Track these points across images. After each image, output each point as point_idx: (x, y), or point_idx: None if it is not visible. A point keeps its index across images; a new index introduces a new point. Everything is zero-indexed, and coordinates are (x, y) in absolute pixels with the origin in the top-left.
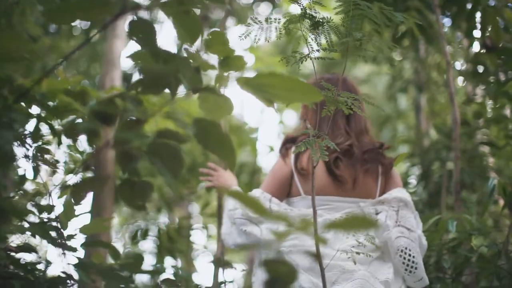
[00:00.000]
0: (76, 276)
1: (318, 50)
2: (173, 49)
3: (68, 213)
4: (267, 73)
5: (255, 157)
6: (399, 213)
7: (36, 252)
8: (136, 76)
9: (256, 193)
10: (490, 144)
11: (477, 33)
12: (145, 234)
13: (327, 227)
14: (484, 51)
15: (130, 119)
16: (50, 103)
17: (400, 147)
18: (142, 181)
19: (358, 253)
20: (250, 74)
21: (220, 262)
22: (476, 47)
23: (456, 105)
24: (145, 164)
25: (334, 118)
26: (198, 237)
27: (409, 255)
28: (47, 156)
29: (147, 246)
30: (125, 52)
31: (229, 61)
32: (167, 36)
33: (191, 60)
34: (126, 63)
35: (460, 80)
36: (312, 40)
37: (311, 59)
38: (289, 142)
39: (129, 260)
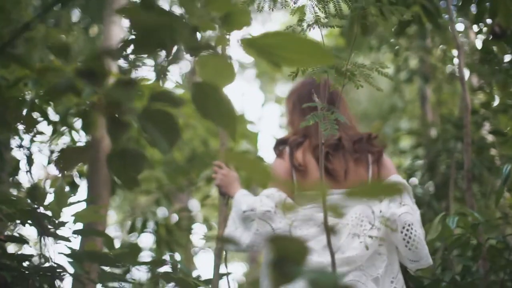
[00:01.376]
0: (69, 267)
1: (326, 18)
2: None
3: (61, 201)
4: (274, 32)
5: (256, 150)
6: (402, 196)
7: (27, 242)
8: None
9: (271, 191)
10: (498, 134)
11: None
12: (143, 227)
13: (348, 195)
14: (493, 38)
15: (121, 79)
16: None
17: (405, 139)
18: (133, 151)
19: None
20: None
21: (220, 250)
22: (482, 35)
23: (467, 90)
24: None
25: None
26: (198, 232)
27: (415, 230)
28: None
29: (146, 240)
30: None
31: (232, 17)
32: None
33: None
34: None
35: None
36: (319, 9)
37: (318, 27)
38: (281, 143)
39: (124, 250)
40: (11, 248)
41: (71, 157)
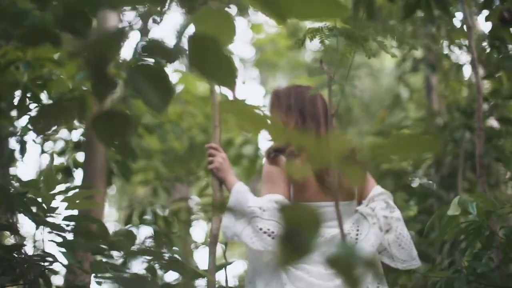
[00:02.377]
0: (62, 257)
1: None
2: None
3: (49, 185)
4: None
5: (256, 142)
6: (389, 204)
7: (16, 230)
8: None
9: (279, 197)
10: (506, 121)
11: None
12: (141, 219)
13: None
14: (501, 24)
15: (107, 31)
16: None
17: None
18: (121, 113)
19: None
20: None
21: (215, 240)
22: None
23: (479, 73)
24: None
25: (317, 128)
26: (198, 227)
27: (406, 232)
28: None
29: (144, 232)
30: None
31: None
32: None
33: None
34: None
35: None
36: None
37: None
38: (276, 151)
39: (119, 237)
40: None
41: (52, 115)
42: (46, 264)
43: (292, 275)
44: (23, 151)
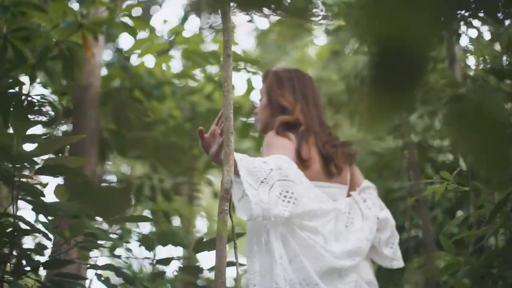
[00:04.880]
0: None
1: None
2: None
3: (19, 129)
4: None
5: (259, 149)
6: (379, 199)
7: None
8: None
9: (287, 158)
10: None
11: None
12: (138, 194)
13: None
14: None
15: None
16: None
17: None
18: None
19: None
20: None
21: (228, 196)
22: None
23: None
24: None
25: (320, 114)
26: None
27: (397, 234)
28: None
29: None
30: None
31: None
32: None
33: None
34: None
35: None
36: None
37: None
38: (288, 125)
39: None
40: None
41: None
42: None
43: (304, 242)
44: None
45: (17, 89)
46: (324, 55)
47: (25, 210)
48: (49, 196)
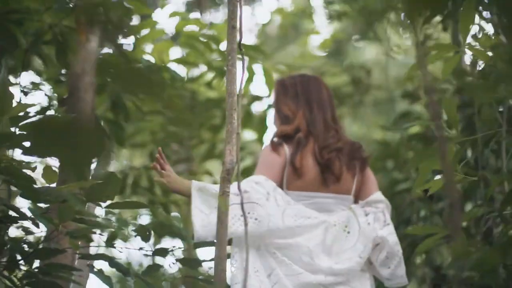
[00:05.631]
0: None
1: None
2: None
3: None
4: None
5: (261, 141)
6: (385, 214)
7: None
8: None
9: (260, 179)
10: None
11: None
12: (135, 185)
13: None
14: None
15: None
16: None
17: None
18: None
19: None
20: None
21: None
22: None
23: None
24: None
25: (325, 117)
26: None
27: (398, 250)
28: None
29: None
30: None
31: None
32: None
33: None
34: None
35: None
36: None
37: None
38: (283, 137)
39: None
40: None
41: None
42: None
43: (278, 259)
44: None
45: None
46: (328, 45)
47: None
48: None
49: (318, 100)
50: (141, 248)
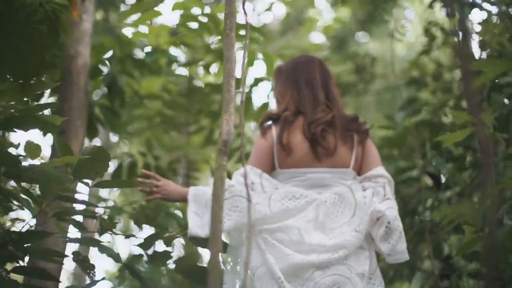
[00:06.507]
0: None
1: None
2: None
3: None
4: None
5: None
6: (386, 188)
7: None
8: None
9: (247, 169)
10: None
11: None
12: (130, 172)
13: None
14: None
15: None
16: None
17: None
18: None
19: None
20: None
21: (226, 149)
22: None
23: None
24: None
25: (314, 95)
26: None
27: (398, 225)
28: None
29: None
30: None
31: None
32: None
33: None
34: None
35: None
36: None
37: None
38: (270, 119)
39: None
40: None
41: None
42: None
43: (268, 243)
44: None
45: None
46: (331, 31)
47: None
48: None
49: (307, 80)
50: (131, 235)
